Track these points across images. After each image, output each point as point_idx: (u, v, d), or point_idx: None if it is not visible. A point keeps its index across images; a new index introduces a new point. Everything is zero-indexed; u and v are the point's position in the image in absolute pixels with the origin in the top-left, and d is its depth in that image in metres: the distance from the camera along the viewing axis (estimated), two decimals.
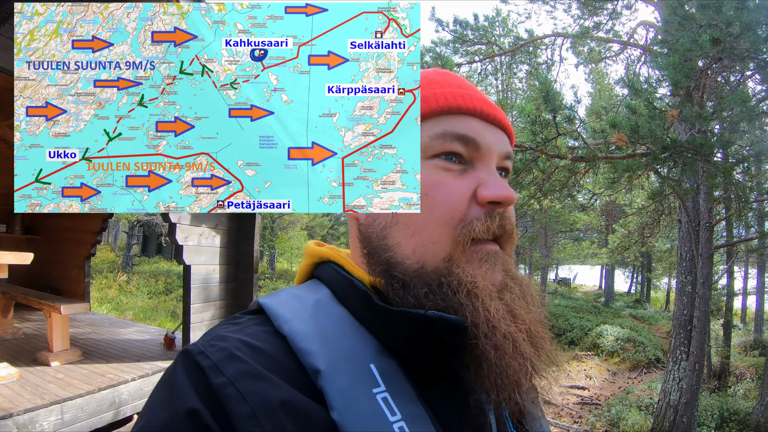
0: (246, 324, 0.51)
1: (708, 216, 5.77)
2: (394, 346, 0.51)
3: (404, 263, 0.53)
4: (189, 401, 0.42)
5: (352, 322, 0.52)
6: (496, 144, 0.58)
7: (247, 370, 0.43)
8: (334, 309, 0.54)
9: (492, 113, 0.59)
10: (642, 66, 10.00)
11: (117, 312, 11.88)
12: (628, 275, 28.26)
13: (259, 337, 0.48)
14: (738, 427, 7.05)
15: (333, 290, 0.57)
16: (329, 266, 0.60)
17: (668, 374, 6.87)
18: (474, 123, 0.57)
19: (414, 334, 0.49)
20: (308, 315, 0.52)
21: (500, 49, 12.02)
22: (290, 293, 0.56)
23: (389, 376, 0.48)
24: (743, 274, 16.55)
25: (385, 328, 0.51)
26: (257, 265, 5.74)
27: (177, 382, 0.44)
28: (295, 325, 0.50)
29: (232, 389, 0.42)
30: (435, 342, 0.49)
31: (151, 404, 0.45)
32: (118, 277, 16.30)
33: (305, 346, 0.47)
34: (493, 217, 0.54)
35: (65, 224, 6.76)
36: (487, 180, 0.55)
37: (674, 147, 4.24)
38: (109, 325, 6.23)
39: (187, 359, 0.45)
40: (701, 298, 5.73)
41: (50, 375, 3.79)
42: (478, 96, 0.59)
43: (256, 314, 0.54)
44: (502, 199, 0.54)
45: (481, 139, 0.56)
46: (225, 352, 0.45)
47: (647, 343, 12.33)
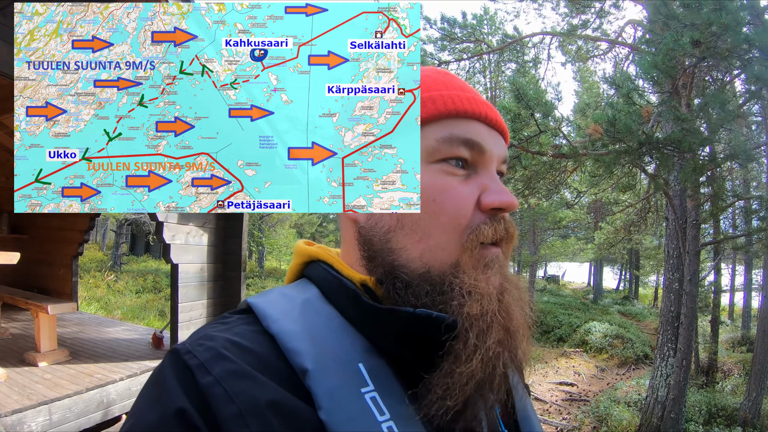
0: (234, 323, 0.51)
1: (695, 213, 5.86)
2: (383, 344, 0.50)
3: (409, 266, 0.53)
4: (177, 401, 0.42)
5: (341, 321, 0.52)
6: (497, 148, 0.59)
7: (234, 370, 0.43)
8: (324, 308, 0.54)
9: (494, 117, 0.59)
10: (630, 65, 10.11)
11: (105, 311, 11.73)
12: (616, 272, 28.57)
13: (247, 337, 0.48)
14: (726, 423, 7.14)
15: (322, 289, 0.57)
16: (318, 265, 0.60)
17: (656, 370, 6.96)
18: (479, 128, 0.57)
19: (404, 332, 0.49)
20: (297, 314, 0.51)
21: (488, 47, 12.06)
22: (279, 293, 0.56)
23: (378, 376, 0.48)
24: (731, 270, 16.84)
25: (373, 326, 0.51)
26: (245, 263, 5.71)
27: (165, 381, 0.44)
28: (284, 325, 0.49)
29: (219, 389, 0.42)
30: (424, 340, 0.49)
31: (140, 404, 0.45)
32: (106, 276, 16.10)
33: (293, 345, 0.47)
34: (498, 221, 0.55)
35: (53, 223, 6.66)
36: (490, 186, 0.56)
37: (649, 142, 4.30)
38: (96, 325, 6.16)
39: (175, 358, 0.45)
40: (688, 294, 5.82)
41: (38, 375, 3.75)
42: (481, 99, 0.60)
43: (245, 314, 0.53)
44: (506, 206, 0.55)
45: (485, 144, 0.57)
46: (212, 352, 0.45)
47: (635, 340, 12.49)
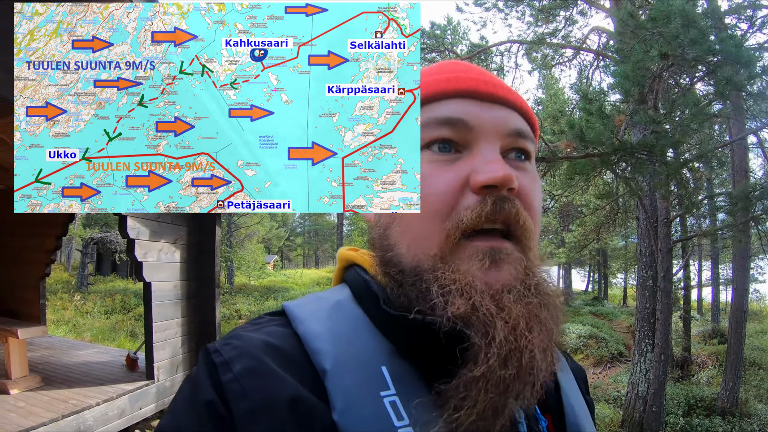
0: (265, 324, 0.52)
1: (665, 212, 6.07)
2: (406, 349, 0.48)
3: (402, 262, 0.51)
4: (207, 394, 0.44)
5: (369, 323, 0.51)
6: (496, 122, 0.52)
7: (253, 367, 0.44)
8: (353, 310, 0.53)
9: (487, 90, 0.54)
10: (594, 71, 10.45)
11: (74, 334, 11.30)
12: (584, 274, 29.16)
13: (275, 336, 0.49)
14: (705, 413, 7.37)
15: (353, 292, 0.56)
16: (354, 269, 0.60)
17: (635, 366, 7.13)
18: (462, 104, 0.53)
19: (413, 339, 0.47)
20: (325, 315, 0.51)
21: (456, 56, 12.28)
22: (315, 296, 0.57)
23: (401, 380, 0.46)
24: (697, 267, 17.44)
25: (392, 330, 0.50)
26: (219, 279, 5.61)
27: (197, 377, 0.46)
28: (311, 326, 0.50)
29: (236, 385, 0.43)
30: (432, 347, 0.46)
31: (177, 399, 0.47)
32: (73, 297, 15.51)
33: (316, 345, 0.47)
34: (485, 201, 0.48)
35: (18, 244, 6.39)
36: (479, 164, 0.50)
37: (624, 149, 4.46)
38: (67, 348, 5.95)
39: (204, 356, 0.47)
40: (663, 291, 6.01)
41: (10, 404, 3.58)
42: (469, 76, 0.55)
43: (278, 316, 0.54)
44: (496, 182, 0.48)
45: (470, 118, 0.52)
46: (238, 350, 0.46)
47: (609, 339, 12.77)
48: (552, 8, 9.87)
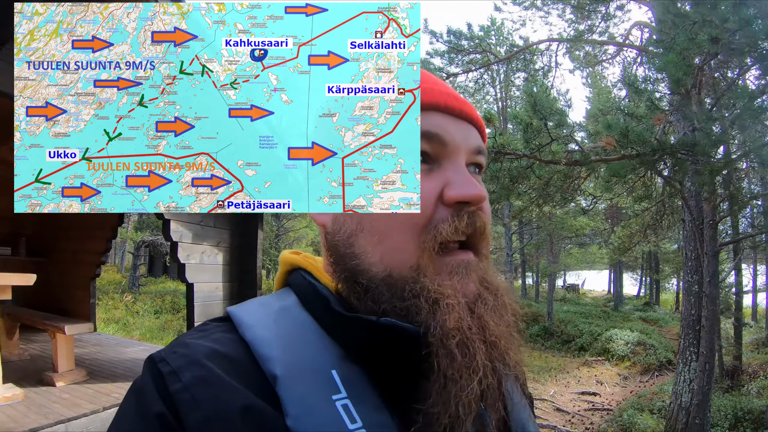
0: (212, 331, 0.51)
1: (711, 214, 5.75)
2: (356, 352, 0.49)
3: (371, 271, 0.51)
4: (156, 406, 0.43)
5: (317, 328, 0.51)
6: (464, 139, 0.56)
7: (203, 376, 0.44)
8: (300, 315, 0.53)
9: (458, 107, 0.56)
10: (639, 67, 10.04)
11: (124, 332, 11.83)
12: (636, 278, 28.04)
13: (222, 343, 0.48)
14: (752, 426, 6.95)
15: (299, 296, 0.56)
16: (298, 273, 0.60)
17: (679, 376, 6.79)
18: (437, 118, 0.55)
19: (369, 341, 0.48)
20: (271, 321, 0.52)
21: (496, 57, 12.11)
22: (259, 301, 0.57)
23: (351, 383, 0.47)
24: (752, 271, 16.43)
25: (344, 334, 0.50)
26: (261, 281, 5.73)
27: (143, 388, 0.45)
28: (258, 332, 0.49)
29: (186, 395, 0.42)
30: (393, 351, 0.47)
31: (123, 410, 0.46)
32: (124, 297, 16.26)
33: (265, 352, 0.47)
34: (461, 216, 0.51)
35: (72, 246, 6.75)
36: (453, 179, 0.52)
37: (662, 149, 4.26)
38: (115, 345, 6.21)
39: (151, 366, 0.46)
40: (708, 296, 5.69)
41: (55, 395, 3.77)
42: (441, 90, 0.57)
43: (224, 322, 0.54)
44: (470, 199, 0.51)
45: (445, 135, 0.54)
46: (185, 359, 0.45)
47: (658, 346, 12.25)
48: (588, 4, 9.56)
